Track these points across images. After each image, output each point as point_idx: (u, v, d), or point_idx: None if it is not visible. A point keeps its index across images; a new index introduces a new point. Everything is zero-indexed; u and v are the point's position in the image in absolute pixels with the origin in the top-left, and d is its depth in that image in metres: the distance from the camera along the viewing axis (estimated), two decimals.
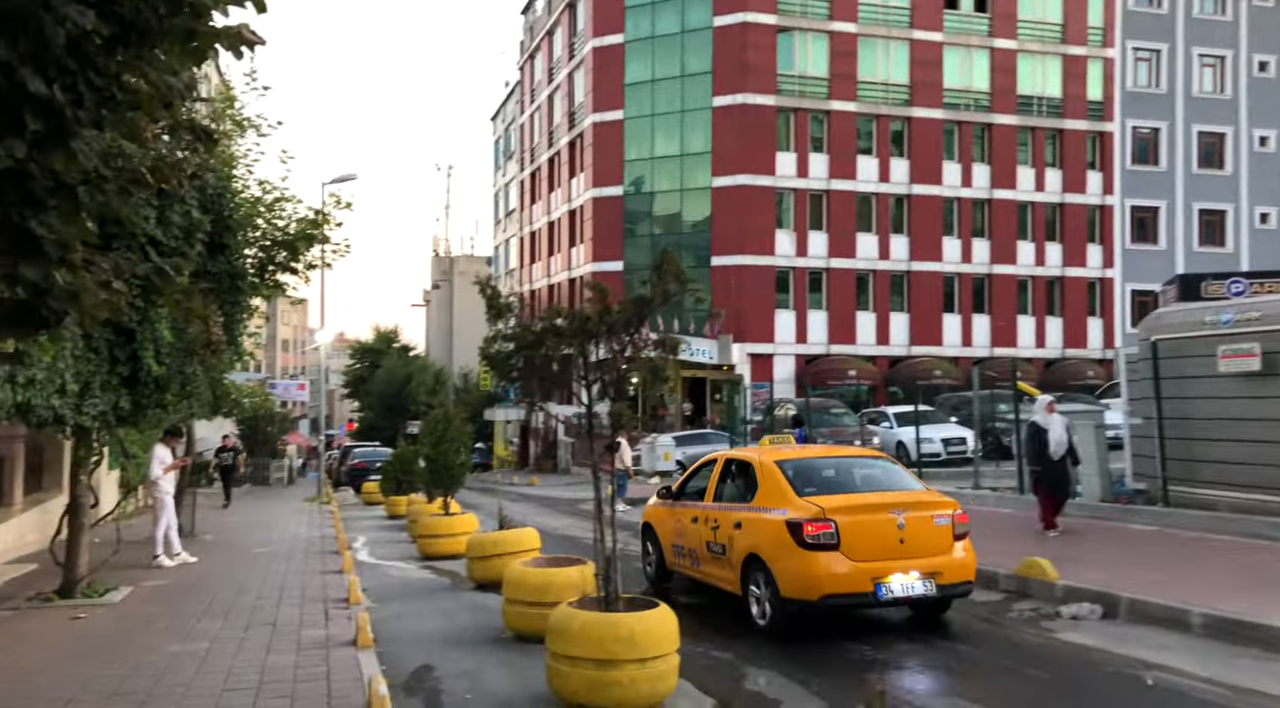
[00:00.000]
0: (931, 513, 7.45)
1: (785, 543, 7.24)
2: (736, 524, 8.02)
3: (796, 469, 8.09)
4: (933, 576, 7.16)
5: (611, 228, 37.81)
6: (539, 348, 5.86)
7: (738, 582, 7.94)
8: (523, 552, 10.26)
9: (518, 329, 5.97)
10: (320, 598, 9.11)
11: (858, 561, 7.09)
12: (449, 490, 13.39)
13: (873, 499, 7.59)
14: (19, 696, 5.66)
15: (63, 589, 9.07)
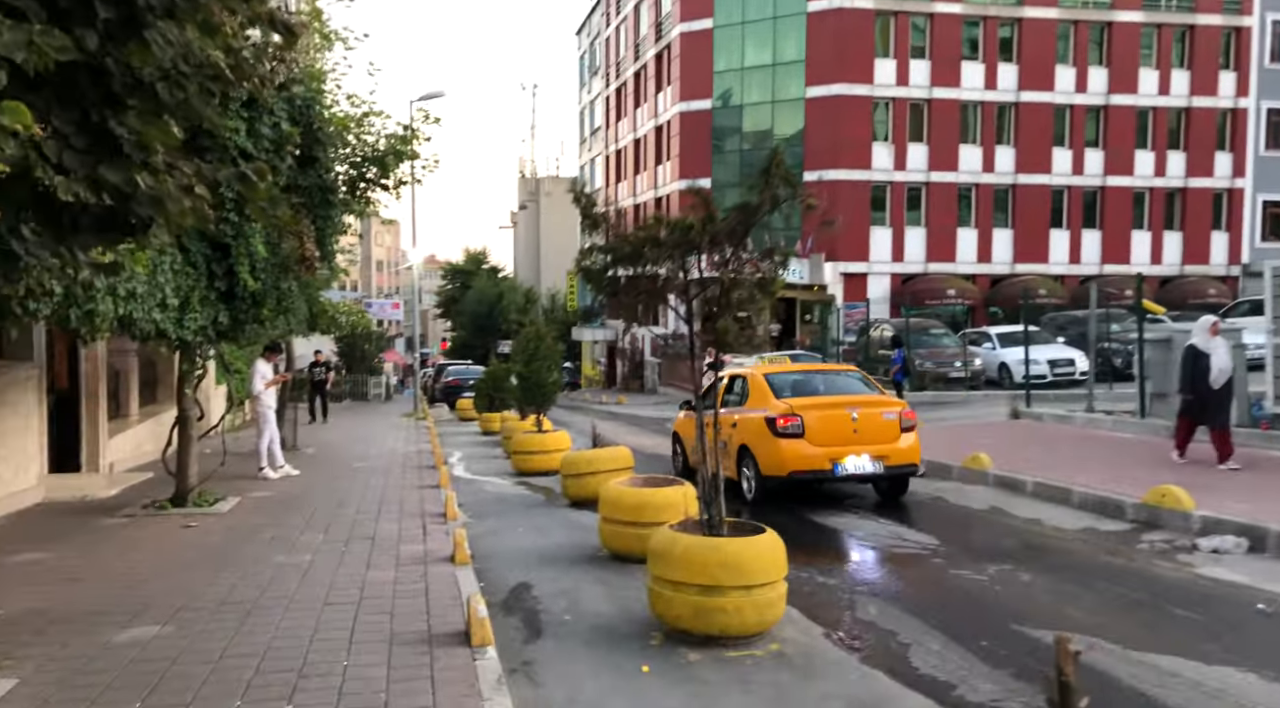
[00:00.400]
0: (880, 410, 9.63)
1: (764, 434, 9.53)
2: (733, 424, 9.94)
3: (776, 380, 10.36)
4: (881, 458, 9.37)
5: (699, 144, 36.68)
6: (637, 260, 5.47)
7: (735, 468, 10.08)
8: (616, 471, 10.11)
9: (615, 241, 5.59)
10: (418, 513, 9.17)
11: (819, 446, 9.33)
12: (541, 408, 13.34)
13: (833, 400, 9.78)
14: (136, 601, 5.78)
15: (175, 498, 9.37)
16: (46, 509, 9.40)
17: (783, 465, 9.32)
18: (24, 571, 6.63)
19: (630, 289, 5.78)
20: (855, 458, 9.25)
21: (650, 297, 5.82)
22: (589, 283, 5.82)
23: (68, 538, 7.85)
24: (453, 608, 5.61)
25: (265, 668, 4.53)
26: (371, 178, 14.70)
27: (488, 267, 74.39)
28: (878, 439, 9.41)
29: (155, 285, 7.45)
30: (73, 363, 11.72)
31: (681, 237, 5.24)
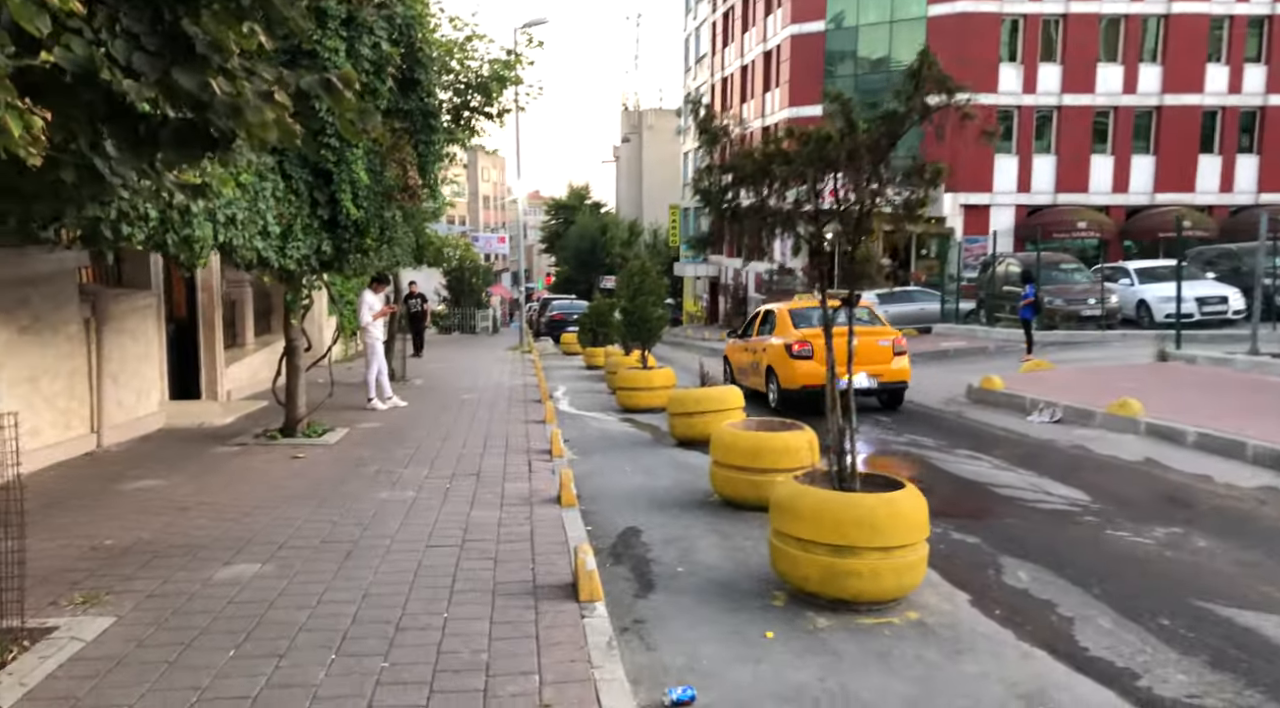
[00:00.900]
0: (877, 338, 11.66)
1: (783, 356, 11.87)
2: (763, 349, 12.55)
3: (796, 314, 12.60)
4: (876, 376, 11.64)
5: (811, 69, 34.88)
6: (762, 180, 4.82)
7: (764, 383, 12.52)
8: (726, 410, 9.61)
9: (737, 158, 4.94)
10: (523, 448, 8.91)
11: (825, 366, 11.12)
12: (646, 344, 12.89)
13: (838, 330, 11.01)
14: (239, 535, 5.65)
15: (285, 428, 9.39)
16: (166, 435, 9.58)
17: (795, 381, 11.67)
18: (138, 498, 6.64)
19: (753, 214, 5.13)
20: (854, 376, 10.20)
21: (776, 223, 5.15)
22: (706, 206, 5.21)
23: (181, 466, 7.90)
24: (559, 555, 5.26)
25: (362, 617, 4.26)
26: (476, 106, 14.34)
27: (590, 202, 74.08)
28: (874, 361, 11.55)
29: (256, 212, 7.23)
30: (190, 293, 11.91)
31: (817, 150, 4.56)
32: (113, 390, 9.00)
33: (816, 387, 10.91)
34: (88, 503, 6.45)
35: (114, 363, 9.06)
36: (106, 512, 6.21)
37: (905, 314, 25.16)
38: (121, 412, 9.19)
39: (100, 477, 7.39)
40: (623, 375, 12.80)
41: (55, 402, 7.97)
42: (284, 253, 7.89)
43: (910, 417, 12.00)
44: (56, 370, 7.99)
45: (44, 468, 7.63)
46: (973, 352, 19.23)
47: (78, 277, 8.46)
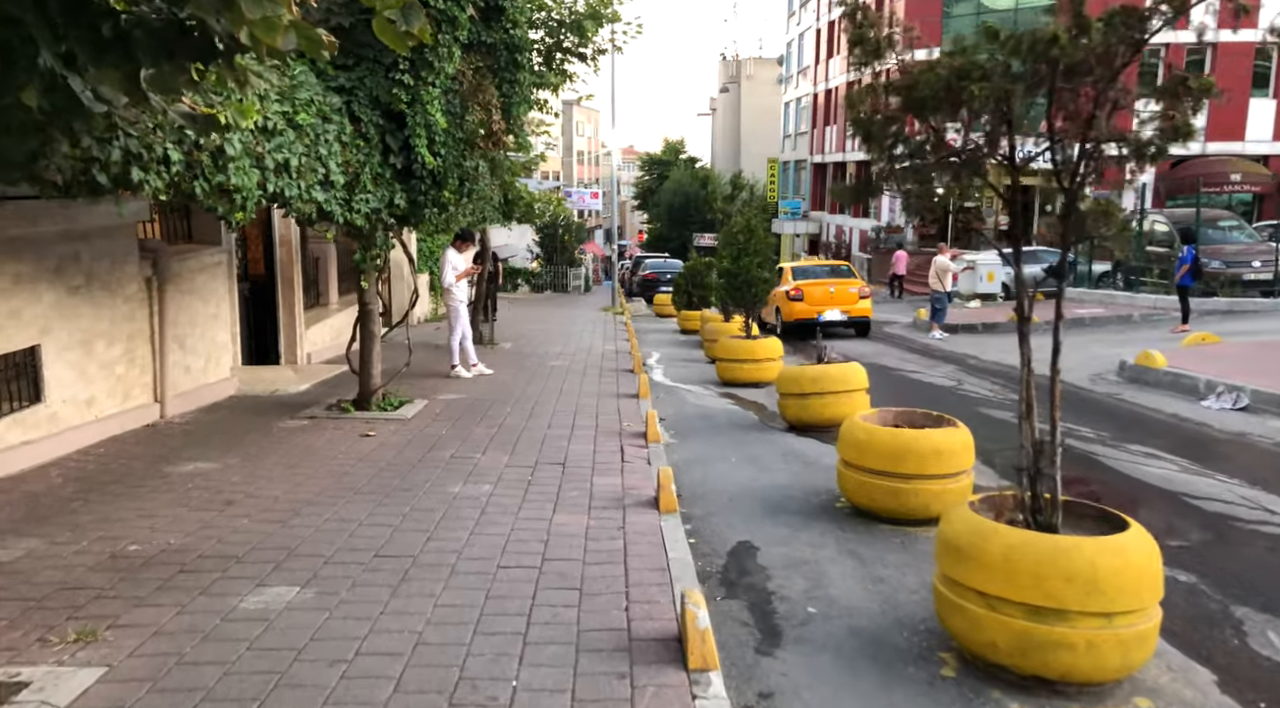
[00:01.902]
0: (849, 286, 17.51)
1: (785, 299, 17.39)
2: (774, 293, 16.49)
3: (796, 269, 18.44)
4: (846, 312, 17.26)
5: (927, 7, 32.25)
6: (943, 105, 3.54)
7: (774, 316, 17.83)
8: (847, 392, 8.36)
9: (912, 74, 3.67)
10: (615, 430, 7.88)
11: (810, 305, 17.09)
12: (750, 310, 11.64)
13: (822, 281, 17.56)
14: (281, 542, 4.80)
15: (358, 400, 8.61)
16: (235, 404, 8.94)
17: (792, 315, 17.16)
18: (182, 486, 5.88)
19: (931, 154, 3.84)
20: (830, 312, 17.14)
21: (964, 167, 3.86)
22: (866, 141, 3.95)
23: (241, 443, 7.17)
24: (659, 588, 4.20)
25: (408, 683, 3.28)
26: (569, 46, 13.16)
27: (685, 157, 72.25)
28: (845, 302, 17.34)
29: (316, 158, 6.31)
30: (268, 249, 11.26)
31: (1043, 51, 3.23)
32: (178, 356, 8.36)
33: (806, 319, 16.85)
34: (125, 491, 5.73)
35: (180, 326, 8.40)
36: (142, 504, 5.46)
37: (1030, 273, 23.06)
38: (188, 378, 8.56)
39: (151, 456, 6.70)
40: (723, 345, 11.61)
41: (112, 368, 7.32)
42: (350, 206, 6.98)
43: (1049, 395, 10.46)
44: (113, 334, 7.33)
45: (97, 443, 7.01)
46: (1113, 320, 17.25)
47: (137, 231, 7.75)
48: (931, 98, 3.53)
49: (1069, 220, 3.73)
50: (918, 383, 11.70)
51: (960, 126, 3.77)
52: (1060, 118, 3.54)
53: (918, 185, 3.92)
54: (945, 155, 3.77)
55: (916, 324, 19.43)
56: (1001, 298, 22.61)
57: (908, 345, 16.41)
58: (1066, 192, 3.67)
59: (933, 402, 10.23)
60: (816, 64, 45.08)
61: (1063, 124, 3.57)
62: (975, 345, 15.57)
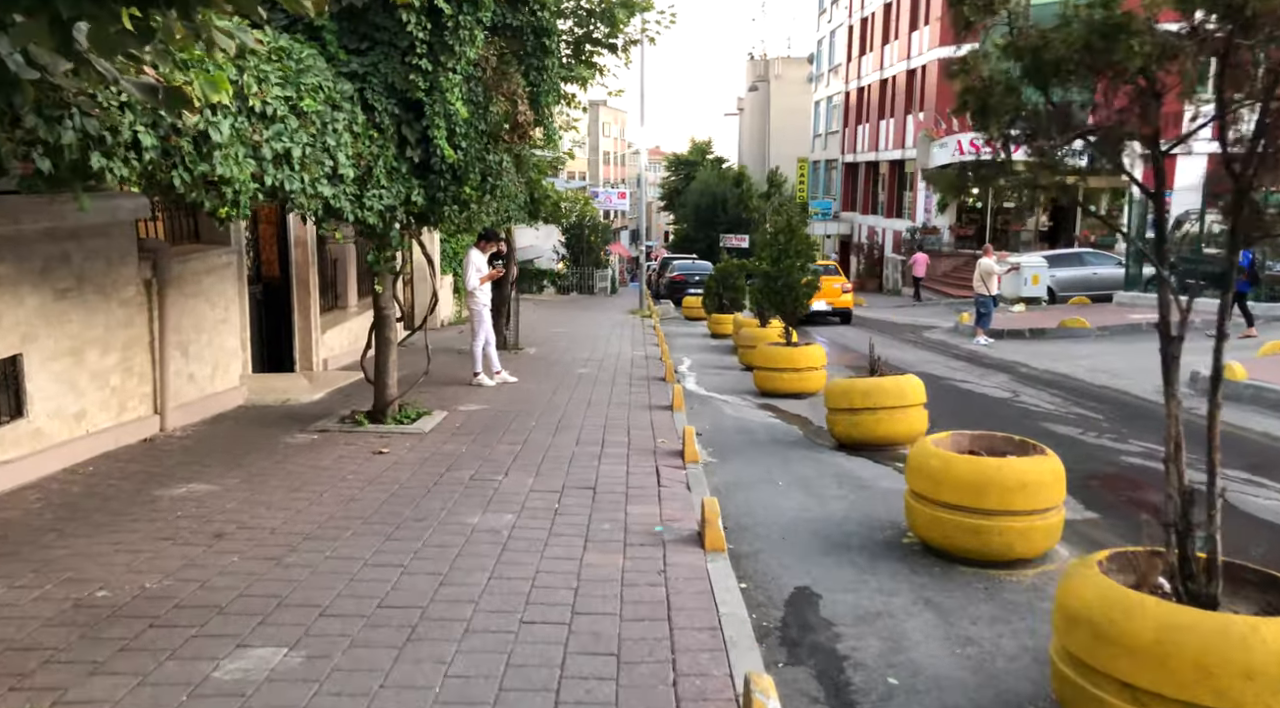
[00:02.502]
0: (833, 282, 21.14)
1: None
2: None
3: None
4: (831, 304, 21.44)
5: None
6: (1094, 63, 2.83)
7: None
8: (903, 407, 7.64)
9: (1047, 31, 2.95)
10: (649, 448, 7.22)
11: None
12: (791, 316, 10.92)
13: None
14: (275, 587, 4.18)
15: (372, 412, 8.00)
16: (242, 415, 8.37)
17: None
18: (171, 514, 5.28)
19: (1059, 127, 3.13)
20: (817, 303, 17.78)
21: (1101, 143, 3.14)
22: (980, 116, 3.24)
23: (244, 460, 6.58)
24: (710, 655, 3.52)
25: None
26: (599, 37, 12.52)
27: (712, 157, 71.43)
28: (830, 295, 20.77)
29: (323, 149, 5.69)
30: (282, 249, 10.70)
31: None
32: (181, 364, 7.80)
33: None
34: (108, 520, 5.14)
35: (183, 332, 7.84)
36: (123, 536, 4.86)
37: (1075, 279, 22.16)
38: (193, 388, 8.00)
39: (143, 476, 6.11)
40: (762, 353, 10.90)
41: (106, 379, 6.76)
42: (362, 203, 6.36)
43: (1121, 410, 9.67)
44: (108, 342, 6.77)
45: (87, 460, 6.44)
46: None
47: (136, 230, 7.20)
48: (1066, 60, 2.82)
49: (1240, 215, 2.98)
50: (970, 394, 10.93)
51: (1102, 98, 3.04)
52: (1237, 85, 2.81)
53: (1039, 173, 3.18)
54: (1080, 133, 3.05)
55: (959, 329, 18.60)
56: (1046, 302, 21.69)
57: (952, 352, 15.60)
58: (1238, 178, 2.93)
59: (989, 416, 9.47)
60: (848, 61, 44.17)
61: (1240, 93, 2.84)
62: (1025, 353, 14.74)
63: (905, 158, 35.62)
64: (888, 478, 6.86)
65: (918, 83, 34.25)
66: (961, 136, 29.04)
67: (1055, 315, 18.88)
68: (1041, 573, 4.82)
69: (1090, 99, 3.11)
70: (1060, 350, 14.76)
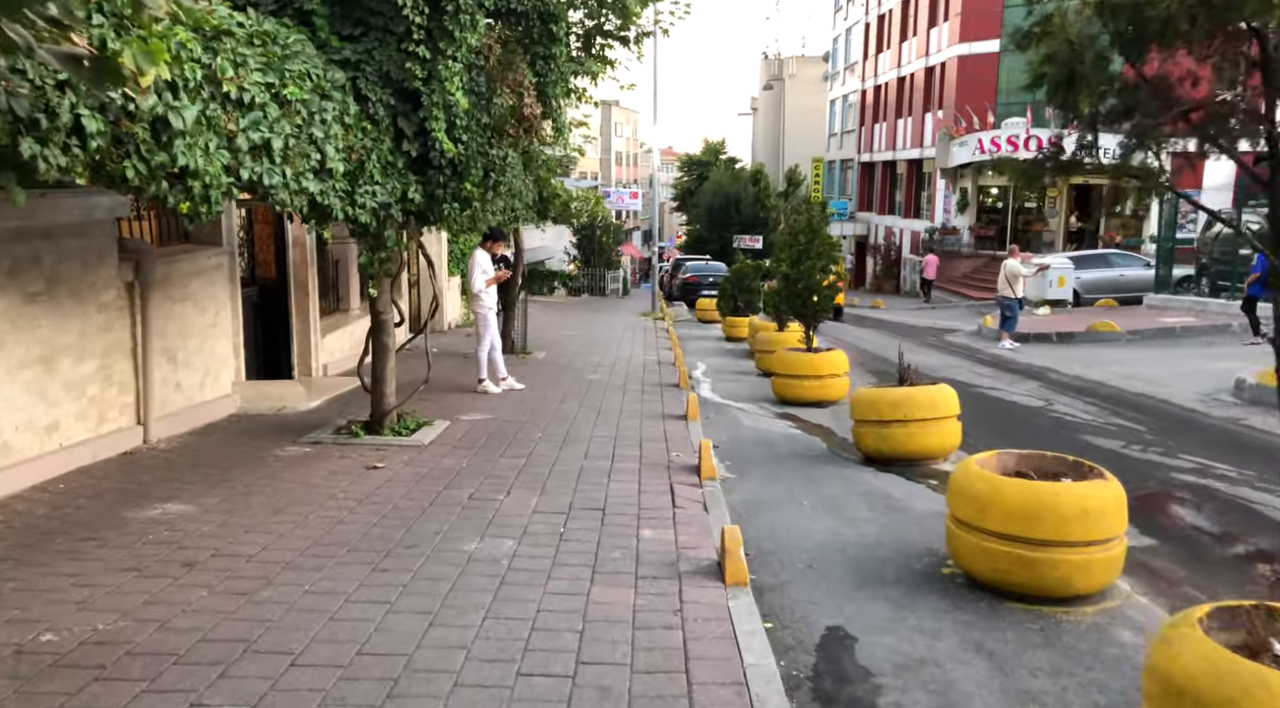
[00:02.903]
0: None
1: None
2: None
3: None
4: None
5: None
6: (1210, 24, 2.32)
7: None
8: (936, 419, 7.12)
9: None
10: (663, 462, 6.74)
11: None
12: (812, 321, 10.40)
13: None
14: (239, 631, 3.73)
15: (369, 423, 7.55)
16: (233, 426, 7.94)
17: None
18: (141, 540, 4.83)
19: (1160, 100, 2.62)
20: None
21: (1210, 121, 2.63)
22: (1067, 87, 2.72)
23: (228, 476, 6.13)
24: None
25: None
26: (611, 29, 12.04)
27: (725, 157, 70.88)
28: None
29: (307, 141, 5.23)
30: (280, 250, 10.28)
31: None
32: (167, 371, 7.38)
33: None
34: (70, 547, 4.69)
35: (169, 337, 7.42)
36: (84, 566, 4.42)
37: (1102, 281, 21.53)
38: (179, 397, 7.57)
39: (117, 494, 5.68)
40: (781, 359, 10.40)
41: (83, 389, 6.33)
42: (353, 200, 5.91)
43: (1163, 420, 9.12)
44: (84, 349, 6.34)
45: (59, 476, 6.01)
46: (1207, 330, 15.71)
47: (115, 229, 6.77)
48: (1176, 20, 2.32)
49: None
50: (1000, 403, 10.39)
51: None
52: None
53: (1150, 146, 2.67)
54: (1184, 110, 2.55)
55: (982, 332, 18.03)
56: (1071, 304, 21.07)
57: (976, 357, 15.05)
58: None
59: (1021, 426, 8.95)
60: (865, 59, 43.56)
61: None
62: (1053, 358, 14.17)
63: (924, 157, 35.00)
64: (921, 498, 6.35)
65: (936, 80, 33.64)
66: (982, 135, 28.46)
67: (1082, 319, 18.28)
68: (1103, 612, 4.31)
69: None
70: (1090, 356, 14.18)
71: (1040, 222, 30.70)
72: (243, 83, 4.58)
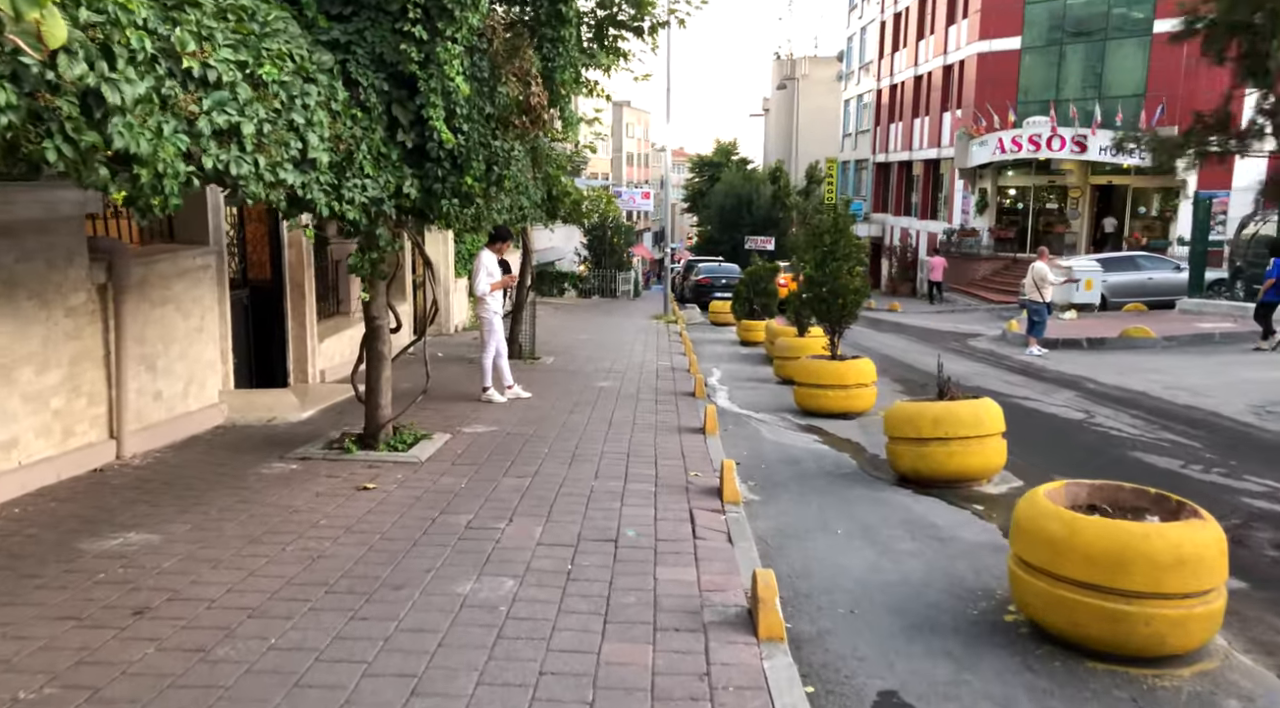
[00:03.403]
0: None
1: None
2: None
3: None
4: None
5: None
6: None
7: None
8: (979, 437, 6.51)
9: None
10: (680, 483, 6.14)
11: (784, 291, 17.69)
12: (838, 326, 9.78)
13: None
14: (191, 690, 3.14)
15: (363, 436, 6.99)
16: (217, 439, 7.38)
17: None
18: (92, 578, 4.27)
19: None
20: None
21: None
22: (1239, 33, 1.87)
23: (204, 498, 5.57)
24: None
25: None
26: (624, 19, 11.43)
27: (737, 158, 70.24)
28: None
29: (286, 127, 4.66)
30: (274, 249, 9.73)
31: None
32: (145, 380, 6.83)
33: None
34: (8, 588, 4.13)
35: (147, 343, 6.87)
36: (16, 614, 3.85)
37: (1131, 284, 20.82)
38: (159, 408, 7.02)
39: (75, 521, 5.11)
40: (805, 367, 9.78)
41: (45, 401, 5.78)
42: (339, 194, 5.33)
43: (1217, 435, 8.46)
44: (47, 358, 5.79)
45: (16, 499, 5.45)
46: (1248, 337, 14.99)
47: (84, 226, 6.21)
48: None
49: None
50: (1037, 415, 9.75)
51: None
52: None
53: None
54: None
55: (1008, 337, 17.36)
56: (1098, 308, 20.36)
57: (1005, 364, 14.39)
58: None
59: (1064, 441, 8.32)
60: (880, 58, 42.86)
61: None
62: (1086, 365, 13.50)
63: (941, 157, 34.28)
64: (969, 526, 5.73)
65: (955, 78, 32.92)
66: (1002, 134, 27.75)
67: (1112, 324, 17.59)
68: (1201, 675, 3.69)
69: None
70: (1126, 363, 13.51)
71: (1062, 223, 29.95)
72: (208, 59, 4.01)
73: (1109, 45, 27.00)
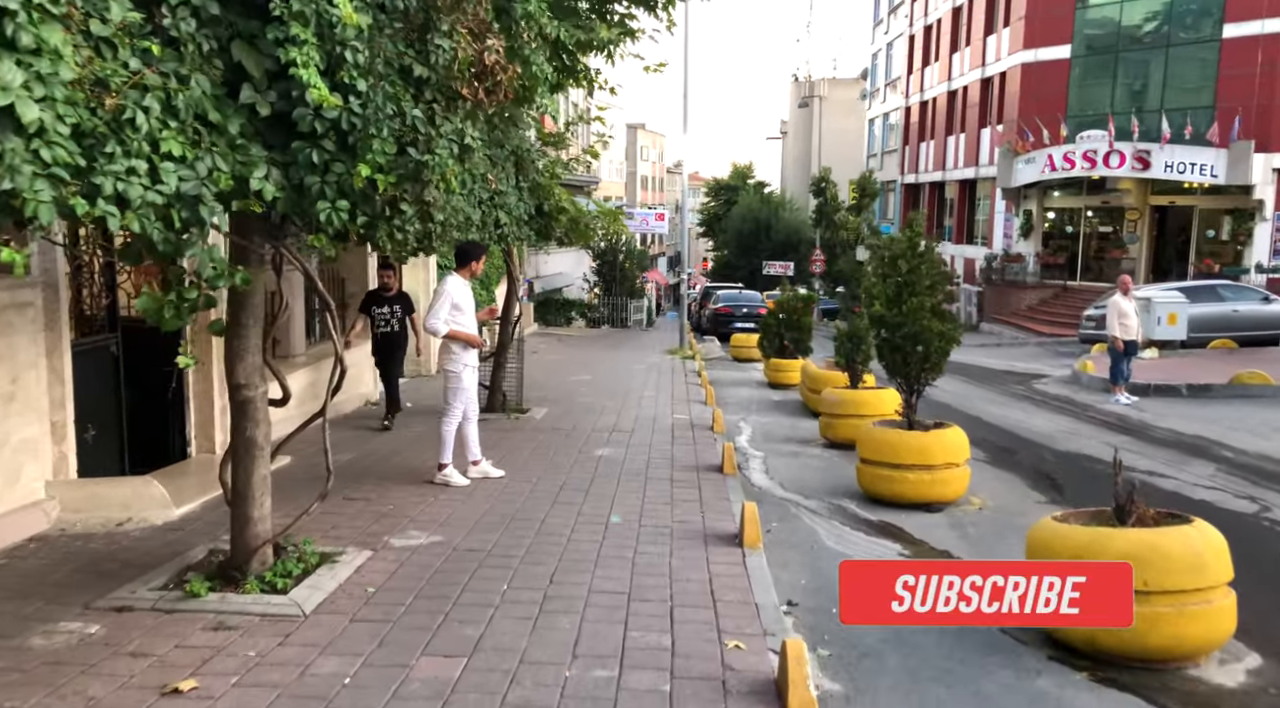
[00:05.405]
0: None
1: None
2: None
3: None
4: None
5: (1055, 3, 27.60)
6: None
7: None
8: (1198, 590, 3.99)
9: None
10: (712, 667, 3.67)
11: None
12: (917, 385, 7.25)
13: None
14: None
15: (226, 566, 4.57)
16: (21, 561, 4.97)
17: None
18: None
19: None
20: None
21: None
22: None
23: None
24: None
25: None
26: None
27: (754, 182, 68.11)
28: None
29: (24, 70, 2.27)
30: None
31: None
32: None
33: None
34: None
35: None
36: None
37: (1214, 318, 18.22)
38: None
39: None
40: (872, 439, 7.23)
41: None
42: (94, 185, 2.92)
43: None
44: None
45: None
46: None
47: None
48: None
49: None
50: (1179, 501, 7.15)
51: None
52: None
53: None
54: None
55: (1080, 379, 14.80)
56: (1179, 345, 17.76)
57: (1089, 415, 11.84)
58: None
59: (1254, 554, 5.76)
60: (909, 74, 40.56)
61: None
62: (1200, 421, 10.91)
63: (979, 177, 31.81)
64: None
65: (995, 92, 30.52)
66: (1052, 150, 25.29)
67: (1208, 365, 15.01)
68: None
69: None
70: (1256, 419, 10.93)
71: (1119, 248, 27.34)
72: None
73: (1170, 53, 24.57)
